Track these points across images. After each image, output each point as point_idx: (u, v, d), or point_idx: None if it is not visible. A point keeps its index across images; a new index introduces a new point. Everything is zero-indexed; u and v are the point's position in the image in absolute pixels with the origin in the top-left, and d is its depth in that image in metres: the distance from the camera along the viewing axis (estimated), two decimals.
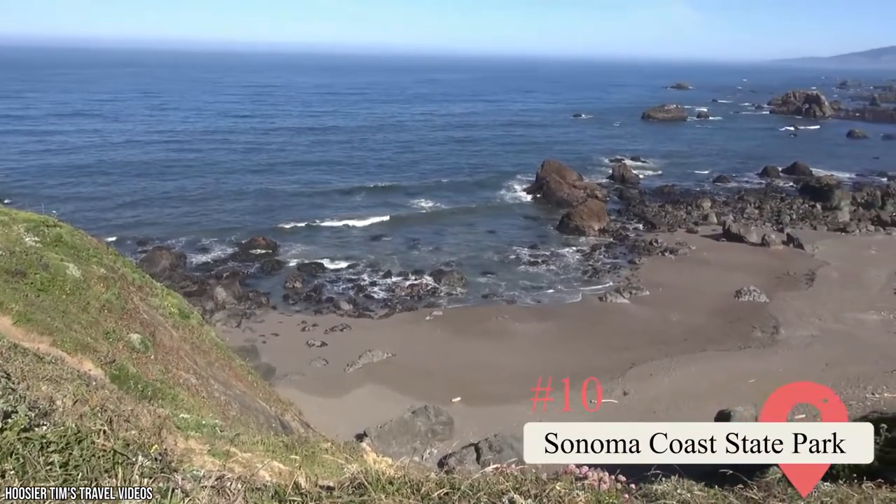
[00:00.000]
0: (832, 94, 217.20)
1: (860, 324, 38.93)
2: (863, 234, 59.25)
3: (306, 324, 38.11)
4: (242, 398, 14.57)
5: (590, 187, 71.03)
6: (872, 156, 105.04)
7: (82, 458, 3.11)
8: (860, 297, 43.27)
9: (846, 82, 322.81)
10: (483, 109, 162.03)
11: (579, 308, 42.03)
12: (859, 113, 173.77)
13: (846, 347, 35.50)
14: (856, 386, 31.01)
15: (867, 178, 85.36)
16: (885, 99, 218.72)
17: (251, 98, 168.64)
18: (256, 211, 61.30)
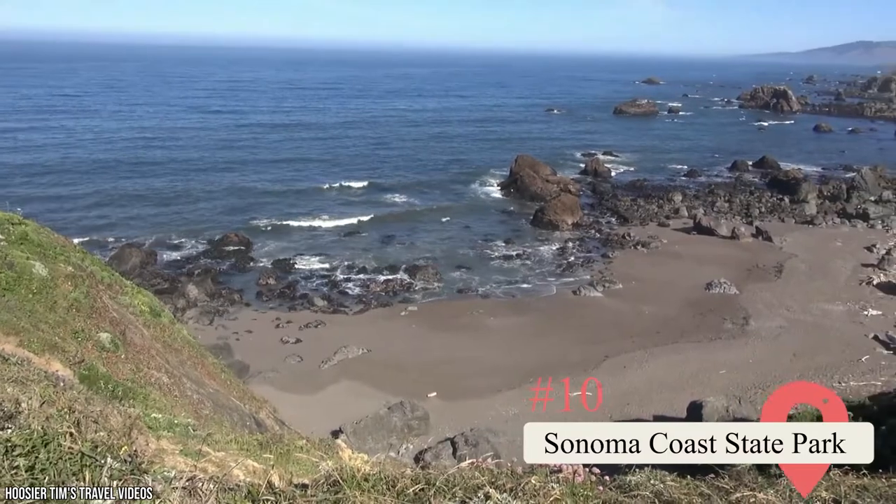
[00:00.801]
0: (799, 89, 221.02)
1: (826, 314, 39.78)
2: (829, 226, 60.49)
3: (280, 320, 37.80)
4: (216, 396, 14.42)
5: (563, 182, 71.41)
6: (838, 150, 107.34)
7: (49, 461, 3.04)
8: (826, 288, 44.20)
9: (812, 77, 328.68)
10: (456, 104, 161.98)
11: (553, 302, 42.30)
12: (825, 108, 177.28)
13: (813, 337, 36.27)
14: (823, 375, 31.70)
15: (833, 171, 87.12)
16: (850, 94, 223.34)
17: (220, 93, 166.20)
18: (229, 208, 60.45)
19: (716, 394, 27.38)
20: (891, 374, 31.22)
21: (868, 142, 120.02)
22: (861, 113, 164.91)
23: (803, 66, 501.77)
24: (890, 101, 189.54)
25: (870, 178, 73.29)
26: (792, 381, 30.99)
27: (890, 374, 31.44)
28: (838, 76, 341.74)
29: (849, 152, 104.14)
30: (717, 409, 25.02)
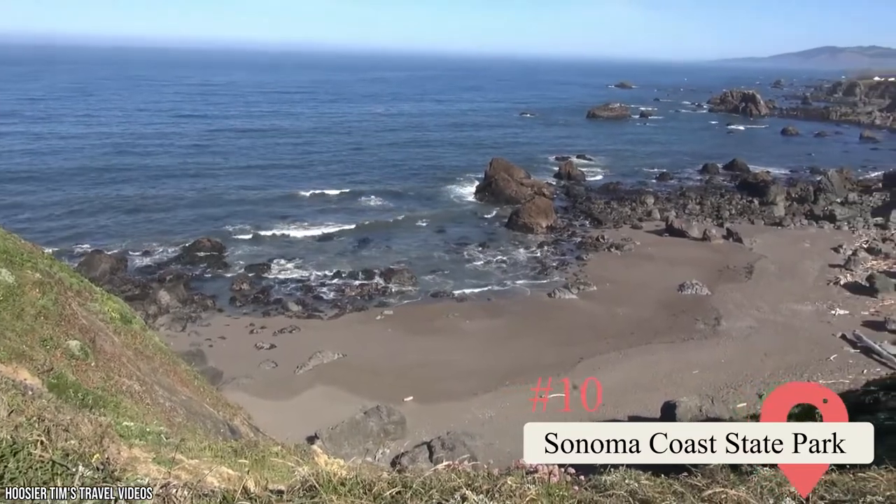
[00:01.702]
0: (767, 94, 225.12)
1: (795, 314, 40.53)
2: (797, 227, 61.67)
3: (254, 326, 37.44)
4: (189, 404, 14.23)
5: (537, 185, 71.85)
6: (805, 152, 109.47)
7: (18, 470, 2.98)
8: (795, 288, 45.04)
9: (780, 81, 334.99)
10: (431, 108, 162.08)
11: (528, 304, 42.50)
12: (793, 111, 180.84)
13: (783, 337, 36.93)
14: (793, 374, 32.28)
15: (800, 174, 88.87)
16: (816, 98, 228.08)
17: (192, 97, 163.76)
18: (201, 215, 59.31)
19: (689, 394, 27.72)
20: (858, 372, 31.89)
21: (834, 145, 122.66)
22: (827, 117, 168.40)
23: (771, 71, 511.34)
24: (854, 105, 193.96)
25: (836, 180, 74.91)
26: (762, 380, 31.59)
27: (857, 371, 32.12)
28: (805, 81, 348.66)
29: (815, 155, 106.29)
30: (690, 409, 25.33)
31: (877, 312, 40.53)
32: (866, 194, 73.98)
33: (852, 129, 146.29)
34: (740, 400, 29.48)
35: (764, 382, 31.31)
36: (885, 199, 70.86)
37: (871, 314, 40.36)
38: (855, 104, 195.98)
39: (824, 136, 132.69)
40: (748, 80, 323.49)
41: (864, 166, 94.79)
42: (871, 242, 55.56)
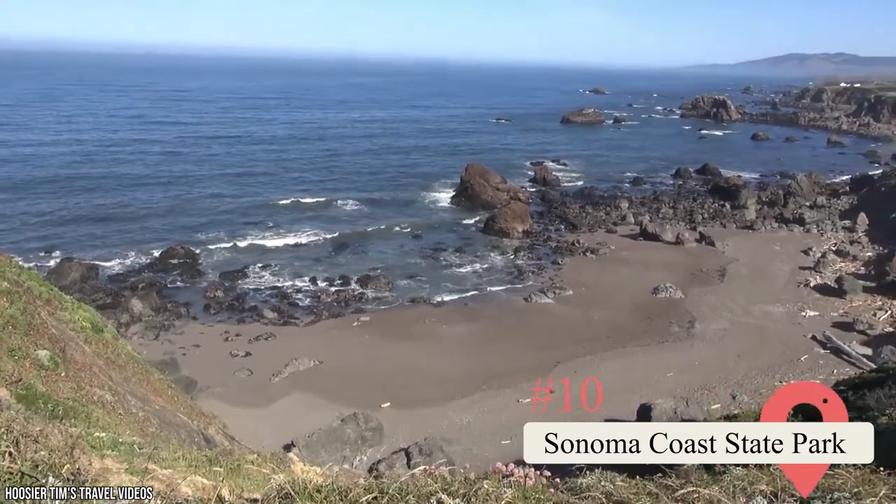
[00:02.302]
0: (737, 99, 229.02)
1: (767, 316, 41.18)
2: (768, 231, 62.72)
3: (229, 334, 37.03)
4: (162, 413, 14.03)
5: (513, 190, 72.17)
6: (775, 157, 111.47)
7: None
8: (767, 290, 45.77)
9: (750, 88, 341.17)
10: (405, 114, 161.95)
11: (505, 309, 42.63)
12: (762, 117, 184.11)
13: (755, 339, 37.49)
14: (765, 375, 32.80)
15: (770, 178, 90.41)
16: (785, 104, 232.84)
17: (164, 104, 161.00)
18: (174, 223, 58.33)
19: (664, 396, 28.03)
20: (828, 373, 32.49)
21: (803, 149, 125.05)
22: (796, 122, 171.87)
23: (741, 77, 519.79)
24: (822, 110, 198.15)
25: (805, 184, 76.39)
26: (736, 381, 32.03)
27: (827, 372, 32.72)
28: (774, 87, 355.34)
29: (785, 160, 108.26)
30: (665, 411, 25.60)
31: (845, 314, 41.36)
32: (834, 198, 75.54)
33: (820, 134, 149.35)
34: (714, 401, 29.87)
35: (737, 384, 31.78)
36: (852, 203, 72.40)
37: (840, 315, 41.17)
38: (822, 110, 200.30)
39: (793, 141, 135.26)
40: (719, 86, 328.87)
41: (832, 170, 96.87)
42: (840, 245, 56.70)
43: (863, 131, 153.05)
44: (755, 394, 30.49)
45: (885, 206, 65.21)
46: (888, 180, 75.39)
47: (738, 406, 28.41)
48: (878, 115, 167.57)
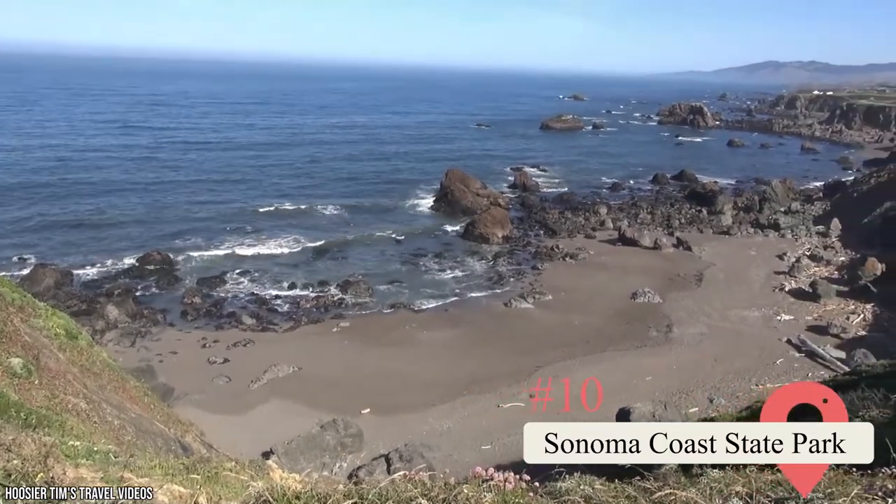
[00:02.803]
0: (714, 106, 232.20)
1: (743, 320, 41.67)
2: (744, 236, 63.52)
3: (207, 340, 36.64)
4: (138, 421, 13.85)
5: (493, 195, 72.41)
6: (750, 163, 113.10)
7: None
8: (743, 295, 46.33)
9: (725, 95, 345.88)
10: (386, 120, 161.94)
11: (485, 314, 42.68)
12: (738, 124, 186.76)
13: (732, 342, 37.91)
14: (742, 378, 33.16)
15: (746, 184, 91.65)
16: (760, 111, 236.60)
17: (140, 108, 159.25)
18: (150, 229, 57.28)
19: (643, 400, 28.17)
20: (802, 376, 32.93)
21: (777, 156, 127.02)
22: (770, 129, 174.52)
23: (717, 85, 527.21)
24: (796, 117, 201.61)
25: (779, 190, 77.53)
26: (713, 385, 32.36)
27: (802, 375, 33.17)
28: (749, 94, 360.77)
29: (760, 166, 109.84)
30: (644, 415, 25.75)
31: (819, 317, 41.99)
32: (808, 203, 76.74)
33: (794, 140, 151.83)
34: (692, 405, 30.15)
35: (714, 387, 32.10)
36: (825, 209, 73.63)
37: (815, 319, 41.78)
38: (796, 117, 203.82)
39: (768, 148, 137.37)
40: (695, 93, 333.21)
41: (806, 176, 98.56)
42: (814, 250, 57.57)
43: (835, 138, 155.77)
44: (732, 397, 30.83)
45: (857, 211, 66.40)
46: (860, 186, 76.81)
47: (716, 409, 28.69)
48: (850, 122, 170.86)
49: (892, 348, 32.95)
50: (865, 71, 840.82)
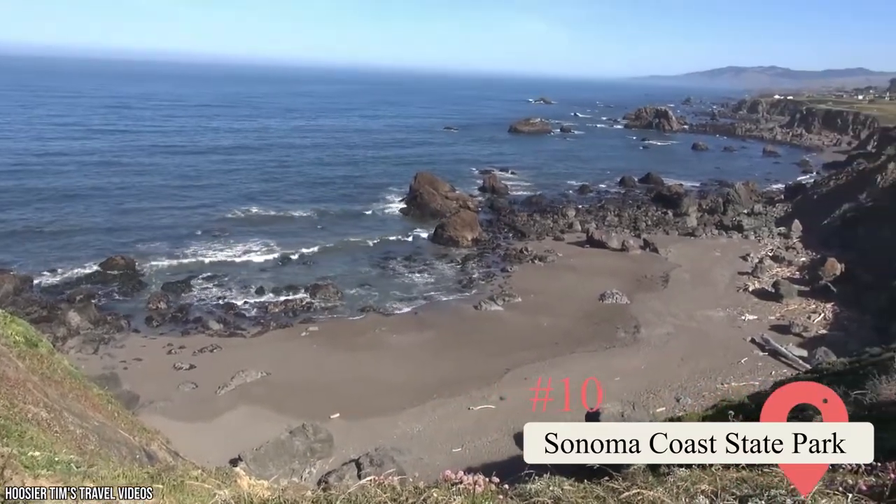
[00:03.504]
0: (678, 110, 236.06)
1: (709, 320, 42.39)
2: (708, 237, 64.64)
3: (172, 346, 36.02)
4: (102, 430, 13.54)
5: (462, 198, 72.55)
6: (714, 166, 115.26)
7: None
8: (708, 295, 47.13)
9: (689, 99, 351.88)
10: (354, 123, 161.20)
11: (455, 317, 42.72)
12: (702, 127, 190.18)
13: (698, 342, 38.52)
14: (707, 378, 33.71)
15: (710, 186, 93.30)
16: (723, 115, 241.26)
17: (104, 110, 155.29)
18: (114, 234, 55.75)
19: (611, 400, 28.46)
20: (766, 375, 33.60)
21: (740, 159, 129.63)
22: (733, 132, 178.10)
23: (682, 89, 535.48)
24: (757, 121, 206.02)
25: (743, 192, 79.10)
26: (680, 384, 32.81)
27: (765, 374, 33.84)
28: (712, 98, 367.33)
29: (724, 169, 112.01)
30: (613, 415, 26.00)
31: (782, 317, 42.92)
32: (770, 205, 78.42)
33: (756, 144, 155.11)
34: (660, 404, 30.55)
35: (681, 387, 32.58)
36: (787, 210, 75.31)
37: (777, 318, 42.69)
38: (758, 121, 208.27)
39: (731, 151, 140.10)
40: (661, 97, 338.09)
41: (768, 179, 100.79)
42: (776, 251, 58.83)
43: (796, 142, 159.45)
44: (698, 396, 31.31)
45: (816, 213, 68.09)
46: (819, 189, 78.77)
47: (683, 409, 29.11)
48: (810, 126, 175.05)
49: (852, 346, 33.77)
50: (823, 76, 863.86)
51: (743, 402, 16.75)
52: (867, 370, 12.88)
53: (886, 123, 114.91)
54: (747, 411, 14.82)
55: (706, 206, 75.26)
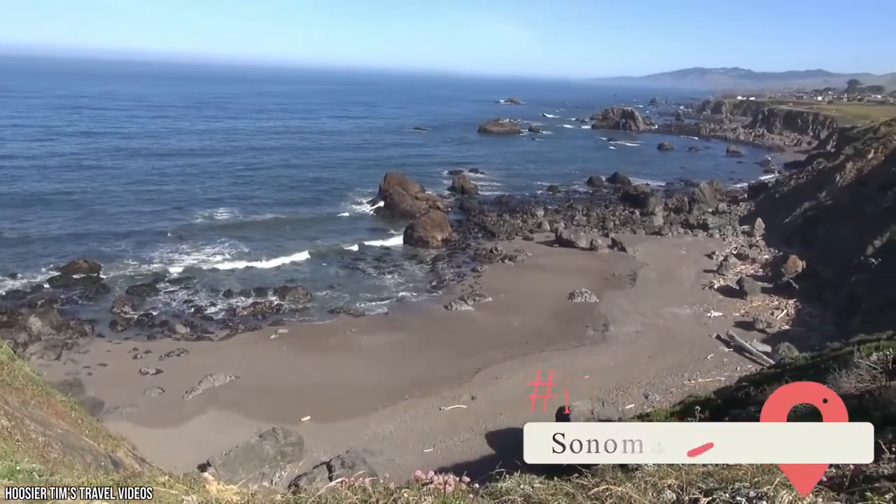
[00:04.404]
0: (645, 111, 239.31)
1: (675, 317, 43.04)
2: (674, 236, 65.63)
3: (138, 351, 35.37)
4: (65, 437, 13.24)
5: (431, 199, 72.55)
6: (679, 166, 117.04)
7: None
8: (674, 293, 47.84)
9: (655, 100, 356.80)
10: (322, 124, 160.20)
11: (426, 317, 42.70)
12: (668, 128, 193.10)
13: (665, 339, 39.10)
14: (675, 374, 34.23)
15: (676, 185, 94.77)
16: (688, 115, 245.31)
17: (63, 112, 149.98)
18: (76, 238, 54.28)
19: (581, 398, 28.75)
20: (732, 370, 34.22)
21: (705, 159, 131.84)
22: (698, 132, 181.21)
23: (648, 90, 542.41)
24: (721, 122, 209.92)
25: (707, 191, 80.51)
26: (648, 381, 33.25)
27: (731, 369, 34.47)
28: (677, 99, 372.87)
29: (688, 168, 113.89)
30: (583, 413, 26.30)
31: (746, 313, 43.77)
32: (734, 204, 79.96)
33: (720, 144, 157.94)
34: (629, 401, 30.93)
35: (649, 384, 33.02)
36: (750, 209, 76.84)
37: (742, 315, 43.53)
38: (722, 121, 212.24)
39: (696, 151, 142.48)
40: (627, 97, 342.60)
41: (731, 178, 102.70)
42: (740, 249, 59.98)
43: (758, 141, 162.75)
44: (666, 393, 31.77)
45: (778, 211, 69.63)
46: (781, 188, 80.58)
47: (651, 405, 29.51)
48: (772, 126, 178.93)
49: (814, 341, 34.62)
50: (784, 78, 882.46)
51: (709, 398, 17.06)
52: (828, 364, 13.20)
53: (844, 124, 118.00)
54: (713, 406, 15.11)
55: (672, 206, 76.42)
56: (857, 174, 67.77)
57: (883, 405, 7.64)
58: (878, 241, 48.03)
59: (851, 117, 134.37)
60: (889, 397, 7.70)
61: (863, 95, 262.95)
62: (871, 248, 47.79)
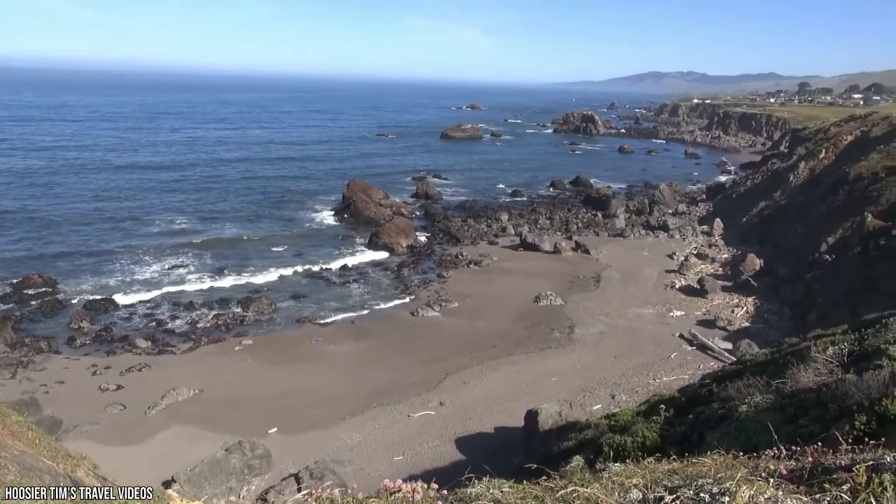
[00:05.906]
0: (604, 115, 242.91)
1: (639, 318, 43.66)
2: (636, 237, 66.64)
3: (97, 367, 34.47)
4: (22, 459, 12.81)
5: (395, 205, 72.44)
6: (640, 168, 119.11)
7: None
8: (638, 294, 48.55)
9: (614, 104, 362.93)
10: (283, 131, 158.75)
11: (392, 324, 42.53)
12: (626, 131, 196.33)
13: (630, 340, 39.62)
14: (640, 373, 34.69)
15: (637, 187, 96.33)
16: (646, 119, 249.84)
17: (6, 124, 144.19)
18: (30, 253, 52.86)
19: (549, 400, 28.91)
20: (695, 368, 34.84)
21: (664, 161, 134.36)
22: (656, 135, 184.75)
23: (607, 94, 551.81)
24: (678, 124, 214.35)
25: (667, 193, 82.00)
26: (614, 381, 33.65)
27: (694, 367, 35.09)
28: (635, 102, 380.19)
29: (648, 170, 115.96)
30: (550, 415, 26.40)
31: (707, 312, 44.63)
32: (693, 205, 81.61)
33: (678, 146, 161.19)
34: (596, 402, 31.23)
35: (616, 384, 33.42)
36: (708, 209, 78.53)
37: (703, 313, 44.37)
38: (679, 124, 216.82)
39: (655, 154, 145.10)
40: (587, 101, 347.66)
41: (690, 179, 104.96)
42: (700, 249, 61.19)
43: (714, 143, 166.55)
44: (632, 392, 32.18)
45: (735, 211, 71.29)
46: (738, 188, 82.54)
47: (618, 405, 29.84)
48: (727, 128, 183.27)
49: (772, 337, 35.47)
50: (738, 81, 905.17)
51: (674, 396, 17.33)
52: (787, 360, 13.54)
53: (796, 125, 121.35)
54: (678, 404, 15.36)
55: (633, 208, 77.63)
56: (809, 174, 69.78)
57: (839, 398, 7.86)
58: (832, 237, 49.44)
59: (803, 118, 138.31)
60: (845, 390, 7.92)
61: (813, 97, 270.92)
62: (825, 245, 49.17)
